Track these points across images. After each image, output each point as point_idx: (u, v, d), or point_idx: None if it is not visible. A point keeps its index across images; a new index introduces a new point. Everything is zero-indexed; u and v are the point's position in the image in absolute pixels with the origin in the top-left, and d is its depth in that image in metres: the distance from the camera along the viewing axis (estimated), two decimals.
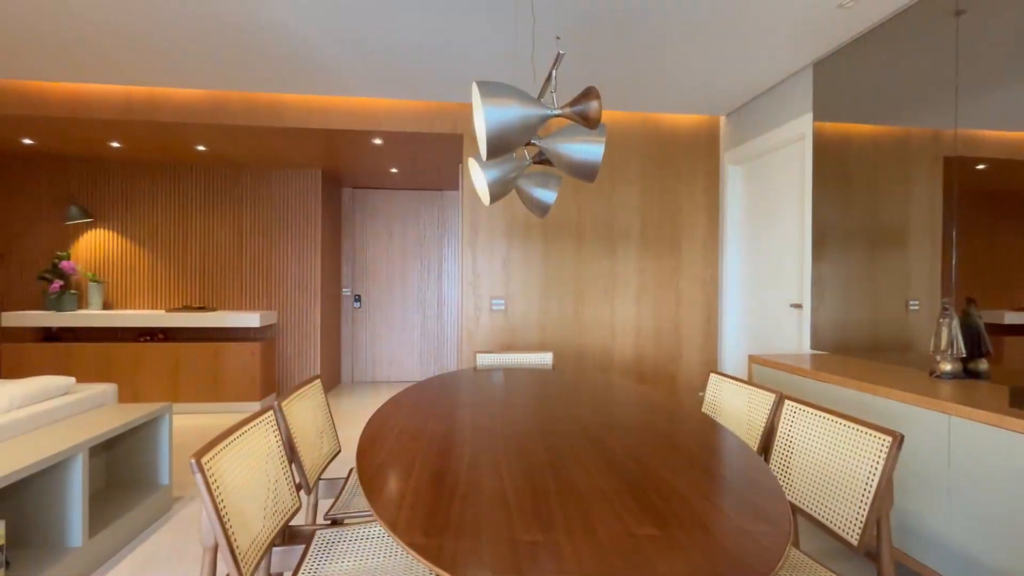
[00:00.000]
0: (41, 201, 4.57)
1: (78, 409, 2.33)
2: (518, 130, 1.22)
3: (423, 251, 5.76)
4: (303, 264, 4.80)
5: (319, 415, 1.91)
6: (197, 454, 1.09)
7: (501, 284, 3.63)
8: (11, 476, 1.64)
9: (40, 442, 1.92)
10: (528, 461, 1.21)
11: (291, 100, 3.50)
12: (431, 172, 4.91)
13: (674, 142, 3.77)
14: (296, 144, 3.95)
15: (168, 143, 3.95)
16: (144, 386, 4.29)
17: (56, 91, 3.31)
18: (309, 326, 4.80)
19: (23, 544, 1.91)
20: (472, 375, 2.36)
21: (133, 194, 4.64)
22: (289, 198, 4.80)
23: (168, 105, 3.39)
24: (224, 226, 4.73)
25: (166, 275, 4.69)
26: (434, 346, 5.76)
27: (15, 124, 3.53)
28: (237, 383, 4.36)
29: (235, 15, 2.38)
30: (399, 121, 3.57)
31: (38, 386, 2.19)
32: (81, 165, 4.60)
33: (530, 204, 2.01)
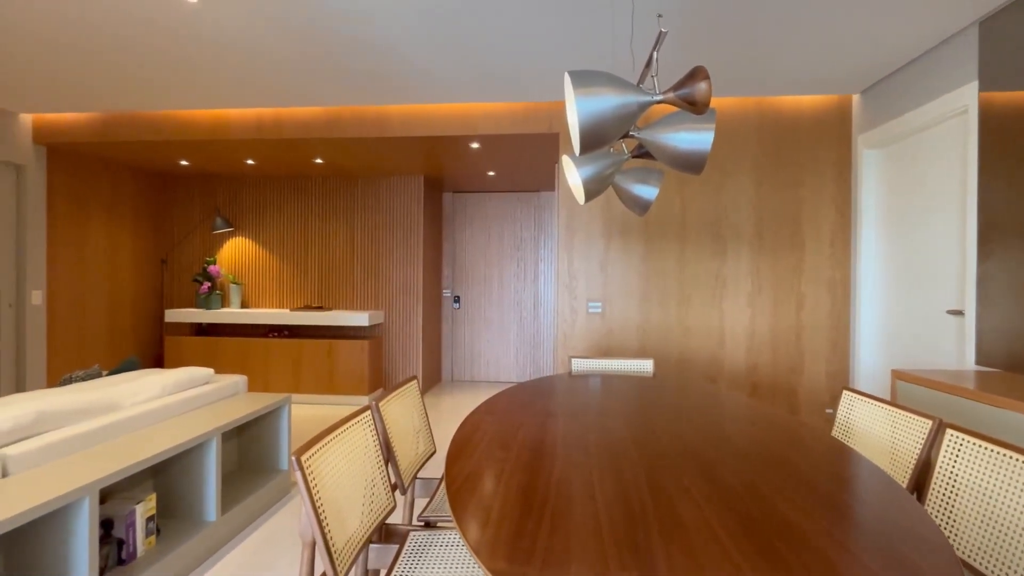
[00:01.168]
0: (194, 214, 5.30)
1: (215, 397, 2.62)
2: (614, 121, 1.12)
3: (520, 253, 5.78)
4: (407, 266, 5.04)
5: (415, 415, 1.95)
6: (298, 451, 1.13)
7: (598, 286, 3.50)
8: (161, 455, 1.87)
9: (184, 425, 2.18)
10: (624, 482, 1.10)
11: (395, 111, 3.67)
12: (527, 173, 4.90)
13: (795, 127, 3.37)
14: (400, 152, 4.15)
15: (291, 158, 4.36)
16: (272, 377, 4.77)
17: (203, 118, 3.79)
18: (412, 326, 5.03)
19: (170, 515, 2.18)
20: (567, 381, 2.27)
21: (265, 205, 5.20)
22: (394, 204, 5.07)
23: (291, 123, 3.73)
24: (338, 232, 5.12)
25: (290, 277, 5.18)
26: (530, 347, 5.76)
27: (174, 149, 4.11)
28: (348, 378, 4.69)
29: (346, 35, 2.53)
30: (495, 124, 3.59)
31: (184, 376, 2.49)
32: (224, 181, 5.24)
33: (629, 202, 1.89)
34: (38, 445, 1.71)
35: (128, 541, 1.84)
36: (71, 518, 1.56)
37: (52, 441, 1.75)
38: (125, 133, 3.86)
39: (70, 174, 4.34)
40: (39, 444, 1.71)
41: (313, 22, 2.42)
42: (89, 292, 4.52)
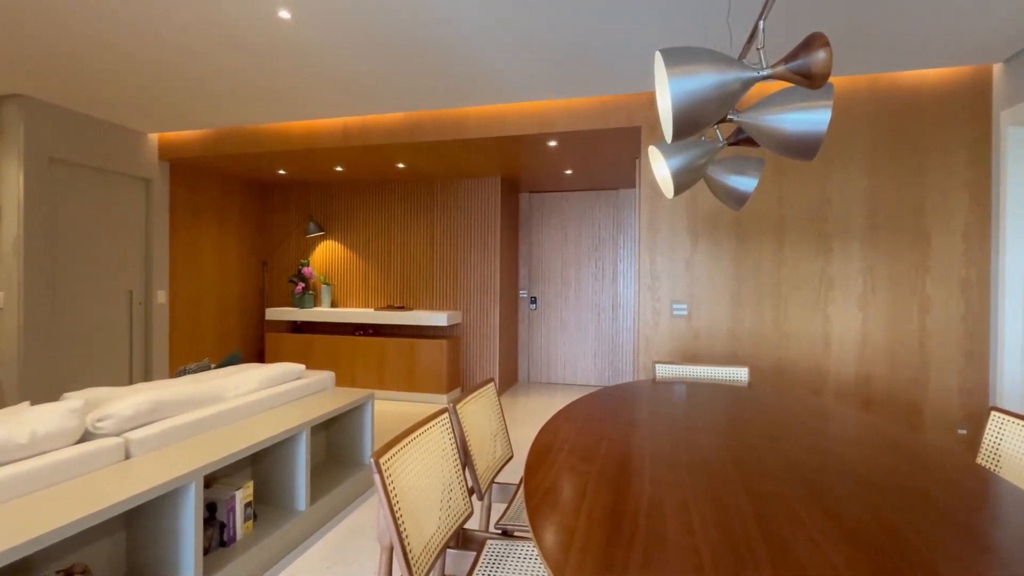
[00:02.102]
0: (290, 219, 5.69)
1: (306, 392, 2.76)
2: (713, 102, 1.00)
3: (598, 252, 5.62)
4: (484, 267, 5.08)
5: (492, 418, 1.91)
6: (376, 454, 1.12)
7: (683, 287, 3.29)
8: (257, 445, 1.98)
9: (278, 418, 2.31)
10: (725, 509, 0.98)
11: (472, 112, 3.69)
12: (606, 170, 4.75)
13: (917, 106, 2.95)
14: (478, 154, 4.17)
15: (376, 163, 4.54)
16: (358, 373, 5.00)
17: (297, 129, 4.05)
18: (489, 326, 5.05)
19: (265, 502, 2.32)
20: (650, 388, 2.13)
21: (352, 210, 5.47)
22: (472, 205, 5.12)
23: (375, 130, 3.87)
24: (419, 234, 5.27)
25: (375, 278, 5.41)
26: (609, 350, 5.58)
27: (273, 159, 4.43)
28: (427, 376, 4.80)
29: (424, 41, 2.57)
30: (573, 120, 3.49)
31: (279, 371, 2.65)
32: (316, 188, 5.59)
33: (722, 194, 1.72)
34: (155, 431, 1.87)
35: (229, 524, 1.97)
36: (181, 500, 1.68)
37: (166, 428, 1.91)
38: (232, 147, 4.21)
39: (187, 186, 4.82)
40: (155, 430, 1.87)
41: (394, 31, 2.48)
42: (202, 292, 5.00)
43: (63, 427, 1.61)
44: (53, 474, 1.53)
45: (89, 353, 3.94)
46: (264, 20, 2.40)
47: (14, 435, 1.48)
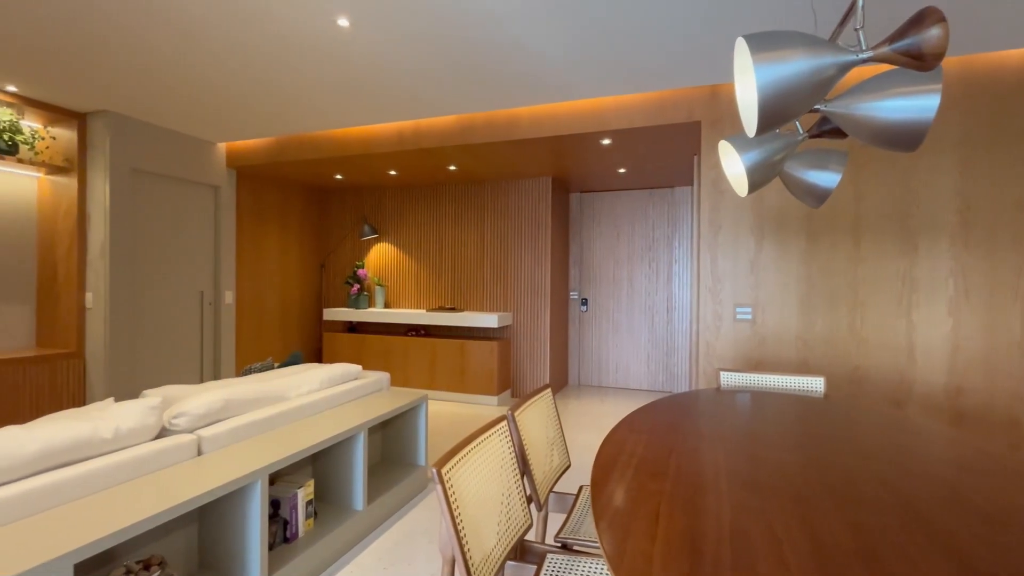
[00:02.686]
0: (346, 222, 5.87)
1: (362, 392, 2.81)
2: (806, 90, 0.90)
3: (652, 253, 5.45)
4: (535, 268, 5.03)
5: (550, 426, 1.86)
6: (438, 463, 1.10)
7: (748, 289, 3.11)
8: (318, 445, 2.02)
9: (337, 418, 2.35)
10: (821, 543, 0.88)
11: (525, 112, 3.65)
12: (661, 168, 4.59)
13: (1022, 87, 2.65)
14: (529, 154, 4.13)
15: (428, 166, 4.59)
16: (411, 373, 5.08)
17: (354, 135, 4.15)
18: (540, 328, 5.00)
19: (324, 500, 2.37)
20: (716, 397, 2.01)
21: (404, 212, 5.57)
22: (522, 206, 5.09)
23: (428, 134, 3.91)
24: (469, 235, 5.29)
25: (426, 279, 5.48)
26: (663, 354, 5.40)
27: (331, 165, 4.57)
28: (478, 377, 4.80)
29: (477, 43, 2.55)
30: (628, 117, 3.38)
31: (338, 372, 2.71)
32: (371, 192, 5.73)
33: (800, 191, 1.59)
34: (224, 429, 1.94)
35: (291, 521, 2.02)
36: (248, 496, 1.73)
37: (234, 426, 1.98)
38: (293, 154, 4.38)
39: (252, 192, 5.06)
40: (225, 428, 1.95)
41: (448, 34, 2.47)
42: (265, 293, 5.24)
43: (143, 423, 1.70)
44: (134, 468, 1.61)
45: (165, 349, 4.20)
46: (324, 29, 2.46)
47: (100, 430, 1.57)
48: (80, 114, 3.75)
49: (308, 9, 2.28)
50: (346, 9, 2.28)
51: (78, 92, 3.36)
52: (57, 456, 1.46)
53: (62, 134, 3.80)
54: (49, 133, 3.83)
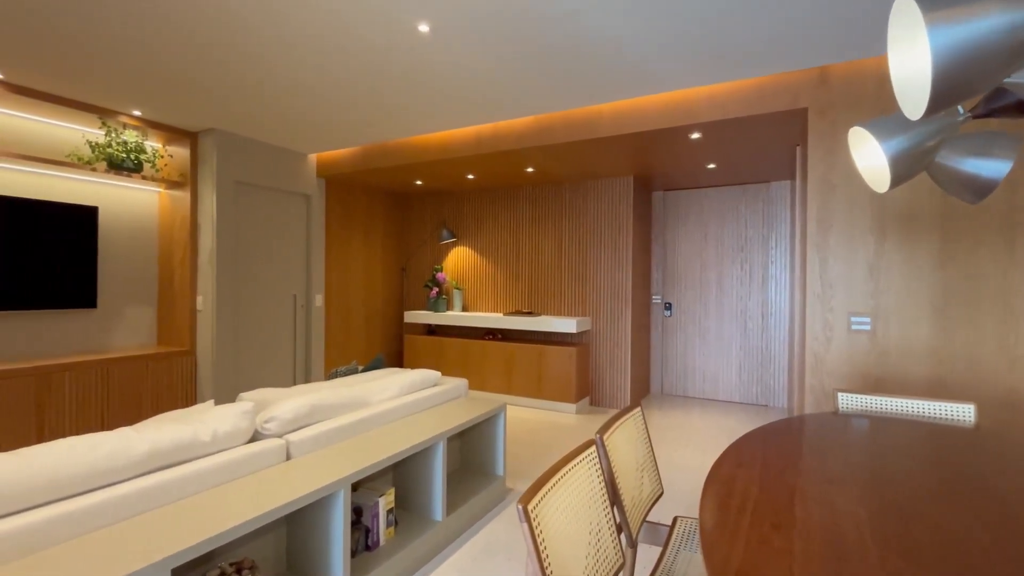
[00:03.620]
0: (426, 227, 5.99)
1: (441, 399, 2.80)
2: (1001, 55, 0.70)
3: (744, 254, 5.03)
4: (615, 271, 4.82)
5: (640, 449, 1.70)
6: (523, 499, 1.00)
7: (865, 296, 2.73)
8: (399, 455, 2.00)
9: (417, 425, 2.34)
10: None
11: (606, 109, 3.48)
12: (757, 162, 4.21)
13: None
14: (609, 153, 3.95)
15: (506, 169, 4.55)
16: (488, 377, 5.07)
17: (433, 141, 4.20)
18: (620, 333, 4.78)
19: (404, 508, 2.36)
20: (837, 424, 1.75)
21: (482, 216, 5.58)
22: (602, 207, 4.90)
23: (506, 136, 3.86)
24: (547, 238, 5.19)
25: (503, 283, 5.45)
26: (757, 364, 4.96)
27: (411, 171, 4.67)
28: (555, 384, 4.68)
29: (556, 39, 2.44)
30: (721, 108, 3.11)
31: (418, 377, 2.71)
32: (449, 196, 5.80)
33: (954, 184, 1.31)
34: (311, 434, 1.98)
35: (373, 530, 2.02)
36: (332, 503, 1.74)
37: (320, 431, 2.02)
38: (376, 161, 4.52)
39: (340, 200, 5.31)
40: (311, 433, 1.99)
41: (526, 33, 2.38)
42: (351, 296, 5.47)
43: (238, 427, 1.76)
44: (229, 471, 1.67)
45: (263, 348, 4.49)
46: (405, 36, 2.46)
47: (200, 434, 1.63)
48: (192, 133, 4.11)
49: (389, 17, 2.29)
50: (426, 15, 2.26)
51: (191, 114, 3.67)
52: (162, 457, 1.53)
53: (178, 152, 4.18)
54: (167, 151, 4.23)
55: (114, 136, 3.73)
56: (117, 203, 4.02)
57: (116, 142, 3.72)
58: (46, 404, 3.32)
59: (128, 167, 3.78)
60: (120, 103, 3.46)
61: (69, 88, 3.19)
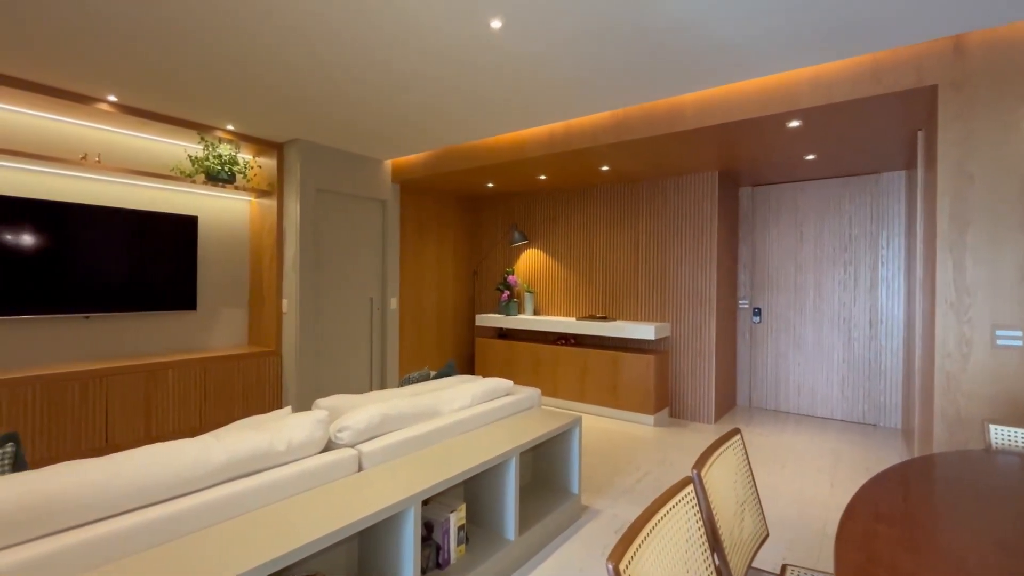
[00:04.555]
0: (497, 230, 5.95)
1: (513, 409, 2.69)
2: None
3: (848, 254, 4.51)
4: (697, 274, 4.49)
5: (741, 483, 1.48)
6: (613, 556, 0.85)
7: (1015, 306, 2.28)
8: (471, 471, 1.91)
9: (488, 438, 2.25)
10: None
11: (689, 100, 3.22)
12: (866, 150, 3.73)
13: None
14: (692, 147, 3.66)
15: (579, 168, 4.37)
16: (560, 383, 4.91)
17: (504, 143, 4.12)
18: (703, 341, 4.45)
19: (475, 524, 2.28)
20: (993, 465, 1.43)
21: (554, 217, 5.44)
22: (683, 205, 4.58)
23: (579, 134, 3.69)
24: (622, 239, 4.95)
25: (576, 286, 5.27)
26: (864, 378, 4.42)
27: (483, 173, 4.62)
28: (632, 393, 4.43)
29: (634, 26, 2.25)
30: (826, 91, 2.75)
31: (490, 386, 2.62)
32: (520, 198, 5.72)
33: None
34: (382, 444, 1.94)
35: (444, 547, 1.95)
36: (402, 519, 1.68)
37: (391, 442, 1.98)
38: (448, 165, 4.52)
39: (414, 204, 5.39)
40: (383, 443, 1.95)
41: (604, 23, 2.21)
42: (424, 300, 5.54)
43: (312, 437, 1.75)
44: (303, 481, 1.65)
45: (341, 349, 4.64)
46: (477, 34, 2.38)
47: (275, 443, 1.63)
48: (279, 144, 4.32)
49: (461, 14, 2.21)
50: (499, 10, 2.16)
51: (277, 125, 3.85)
52: (240, 466, 1.54)
53: (266, 163, 4.42)
54: (257, 163, 4.48)
55: (211, 150, 3.99)
56: (213, 212, 4.31)
57: (212, 155, 3.99)
58: (153, 398, 3.61)
59: (223, 178, 4.04)
60: (216, 118, 3.69)
61: (172, 106, 3.43)
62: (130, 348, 3.85)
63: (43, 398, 3.13)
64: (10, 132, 3.28)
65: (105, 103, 3.32)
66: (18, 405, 3.04)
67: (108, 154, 3.69)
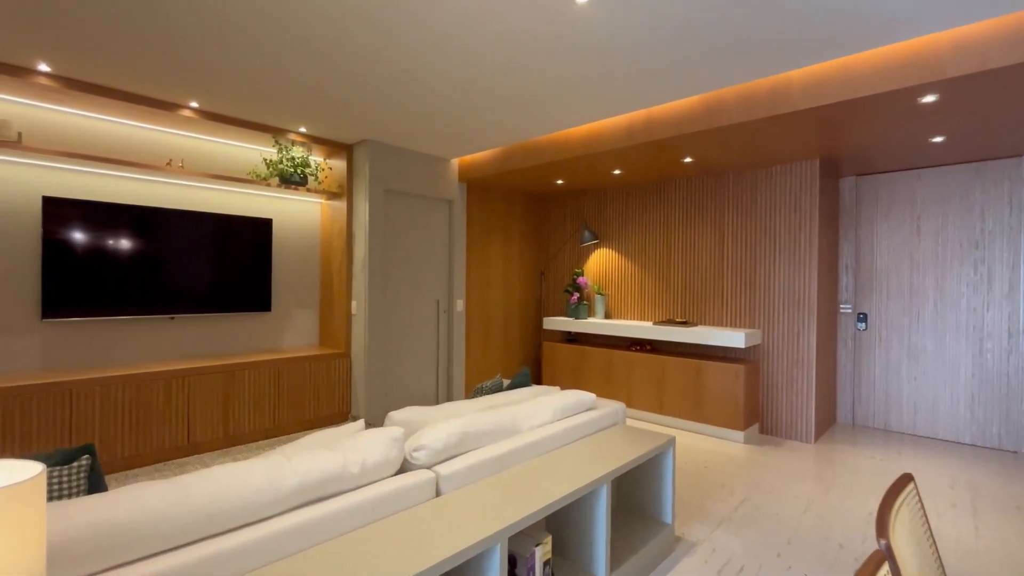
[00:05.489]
0: (565, 229, 5.69)
1: (597, 426, 2.43)
2: None
3: (980, 252, 3.88)
4: (793, 275, 4.03)
5: (920, 539, 1.15)
6: None
7: None
8: (561, 501, 1.68)
9: (573, 460, 2.01)
10: None
11: (796, 78, 2.82)
12: (1010, 129, 3.15)
13: None
14: (794, 132, 3.24)
15: (658, 161, 4.04)
16: (636, 392, 4.59)
17: (577, 136, 3.86)
18: (801, 349, 3.97)
19: (561, 556, 2.04)
20: None
21: (627, 214, 5.11)
22: (777, 198, 4.13)
23: (663, 122, 3.37)
24: (705, 237, 4.55)
25: (652, 288, 4.92)
26: (1001, 396, 3.78)
27: (553, 170, 4.39)
28: (719, 407, 4.04)
29: None
30: (979, 56, 2.29)
31: (572, 400, 2.38)
32: (591, 195, 5.43)
33: None
34: (461, 466, 1.75)
35: None
36: (487, 556, 1.48)
37: (470, 463, 1.78)
38: (516, 162, 4.32)
39: (480, 204, 5.24)
40: (462, 465, 1.76)
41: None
42: (491, 302, 5.38)
43: (387, 457, 1.58)
44: (378, 507, 1.49)
45: (409, 351, 4.56)
46: (562, 9, 2.15)
47: (348, 465, 1.48)
48: (348, 145, 4.29)
49: None
50: None
51: (347, 127, 3.81)
52: (311, 491, 1.39)
53: (337, 164, 4.41)
54: (328, 164, 4.49)
55: (284, 153, 4.02)
56: (286, 215, 4.35)
57: (286, 158, 4.01)
58: (231, 398, 3.66)
59: (296, 180, 4.06)
60: (289, 121, 3.70)
61: (248, 111, 3.46)
62: (209, 348, 3.94)
63: (132, 397, 3.23)
64: (103, 140, 3.41)
65: (187, 109, 3.39)
66: (109, 403, 3.15)
67: (190, 160, 3.79)
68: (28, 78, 2.82)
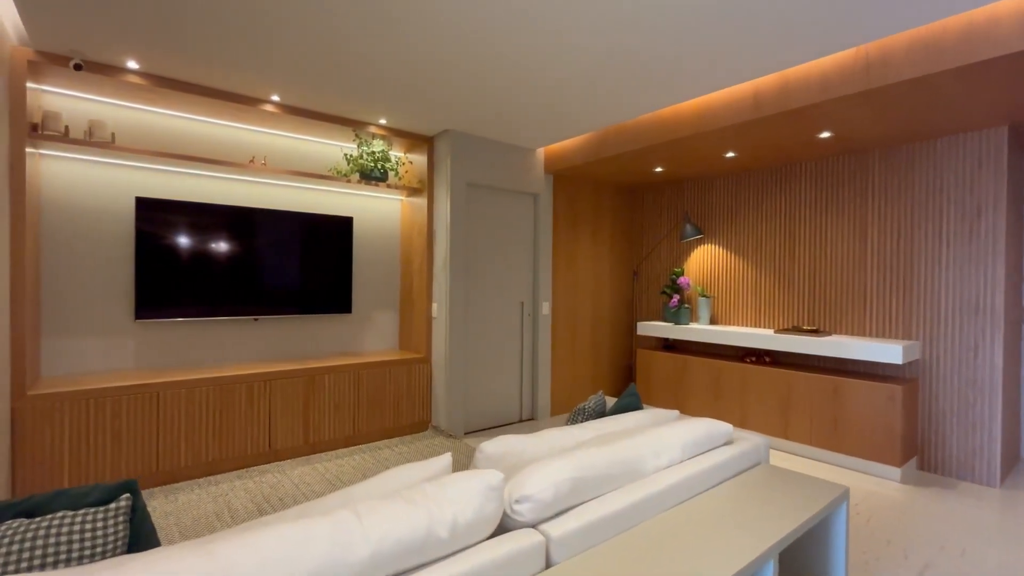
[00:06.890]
0: (662, 223, 5.10)
1: (736, 467, 1.91)
2: None
3: None
4: (969, 273, 3.20)
5: None
6: None
7: None
8: None
9: (717, 516, 1.52)
10: None
11: (1003, 11, 2.12)
12: None
13: None
14: (987, 88, 2.49)
15: (785, 138, 3.38)
16: (751, 412, 3.93)
17: (685, 112, 3.31)
18: (981, 368, 3.14)
19: None
20: None
21: (738, 205, 4.44)
22: (942, 179, 3.31)
23: (800, 86, 2.75)
24: (840, 229, 3.79)
25: (771, 290, 4.21)
26: None
27: (652, 155, 3.85)
28: (864, 435, 3.30)
29: None
30: None
31: (703, 433, 1.88)
32: (693, 184, 4.80)
33: None
34: (576, 526, 1.33)
35: None
36: None
37: (587, 521, 1.36)
38: (612, 147, 3.84)
39: (567, 197, 4.80)
40: (576, 525, 1.34)
41: None
42: (578, 304, 4.92)
43: (482, 513, 1.20)
44: None
45: (492, 357, 4.23)
46: None
47: (435, 527, 1.11)
48: (429, 138, 4.04)
49: None
50: None
51: (428, 118, 3.54)
52: (387, 564, 1.03)
53: (417, 159, 4.18)
54: (408, 159, 4.27)
55: (365, 147, 3.83)
56: (367, 213, 4.18)
57: (366, 152, 3.82)
58: (311, 404, 3.51)
59: (376, 176, 3.86)
60: (369, 114, 3.49)
61: (329, 103, 3.28)
62: (291, 351, 3.83)
63: (215, 400, 3.14)
64: (188, 140, 3.38)
65: (269, 104, 3.26)
66: (194, 406, 3.07)
67: (271, 157, 3.70)
68: (118, 76, 2.78)
